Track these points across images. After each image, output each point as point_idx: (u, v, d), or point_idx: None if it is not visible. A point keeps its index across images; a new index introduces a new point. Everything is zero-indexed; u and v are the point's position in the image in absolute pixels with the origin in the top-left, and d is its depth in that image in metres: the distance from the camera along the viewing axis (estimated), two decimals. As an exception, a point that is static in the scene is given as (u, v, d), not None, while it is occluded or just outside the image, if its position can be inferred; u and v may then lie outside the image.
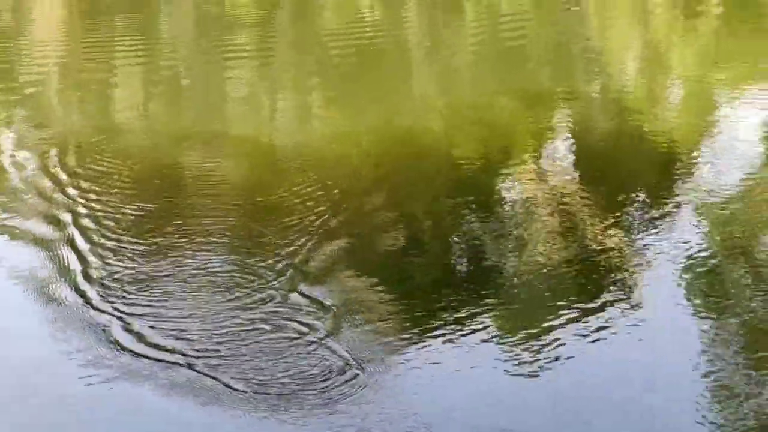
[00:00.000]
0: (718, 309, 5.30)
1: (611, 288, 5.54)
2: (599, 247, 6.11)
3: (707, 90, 10.29)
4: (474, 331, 5.03)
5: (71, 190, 7.35)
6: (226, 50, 12.95)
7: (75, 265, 5.87)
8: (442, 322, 5.14)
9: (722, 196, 7.01)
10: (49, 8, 16.95)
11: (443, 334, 4.99)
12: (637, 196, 7.22)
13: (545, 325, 5.04)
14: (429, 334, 5.01)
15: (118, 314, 5.33)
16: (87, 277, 5.79)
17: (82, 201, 7.09)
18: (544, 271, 5.77)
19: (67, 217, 6.74)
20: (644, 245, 6.15)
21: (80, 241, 6.24)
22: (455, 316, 5.22)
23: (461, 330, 5.03)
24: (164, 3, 17.34)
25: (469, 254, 6.25)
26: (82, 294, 5.59)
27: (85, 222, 6.64)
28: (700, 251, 5.97)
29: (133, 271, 5.94)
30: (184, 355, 4.94)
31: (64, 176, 7.85)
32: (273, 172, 7.93)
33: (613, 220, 6.67)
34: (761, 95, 9.57)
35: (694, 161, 7.95)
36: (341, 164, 7.92)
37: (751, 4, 15.31)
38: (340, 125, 9.28)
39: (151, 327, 5.24)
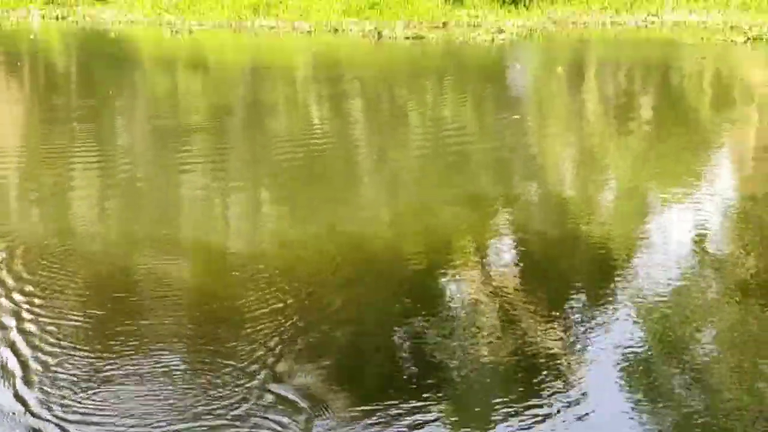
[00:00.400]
0: (657, 404, 5.27)
1: (553, 384, 5.44)
2: (541, 345, 6.04)
3: (641, 195, 10.37)
4: (420, 427, 4.89)
5: (16, 295, 6.95)
6: (180, 157, 12.53)
7: (15, 369, 5.53)
8: (394, 420, 4.98)
9: (658, 296, 7.00)
10: (8, 115, 16.57)
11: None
12: (576, 295, 7.14)
13: (490, 420, 4.96)
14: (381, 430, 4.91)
15: (59, 421, 4.94)
16: (27, 382, 5.44)
17: (27, 305, 6.72)
18: (488, 368, 5.73)
19: (10, 322, 6.39)
20: (585, 343, 6.15)
21: (22, 346, 5.94)
22: (405, 415, 5.02)
23: (411, 427, 4.88)
24: (118, 114, 16.46)
25: (418, 354, 6.08)
26: (21, 400, 5.23)
27: (29, 326, 6.30)
28: (638, 349, 6.00)
29: (79, 375, 5.63)
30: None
31: (10, 280, 7.40)
32: (227, 276, 7.75)
33: (554, 319, 6.62)
34: (691, 200, 9.76)
35: (630, 262, 7.94)
36: (293, 268, 7.72)
37: (681, 116, 15.44)
38: (292, 230, 9.09)
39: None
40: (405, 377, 5.68)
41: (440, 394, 5.36)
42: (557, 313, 6.74)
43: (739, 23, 22.66)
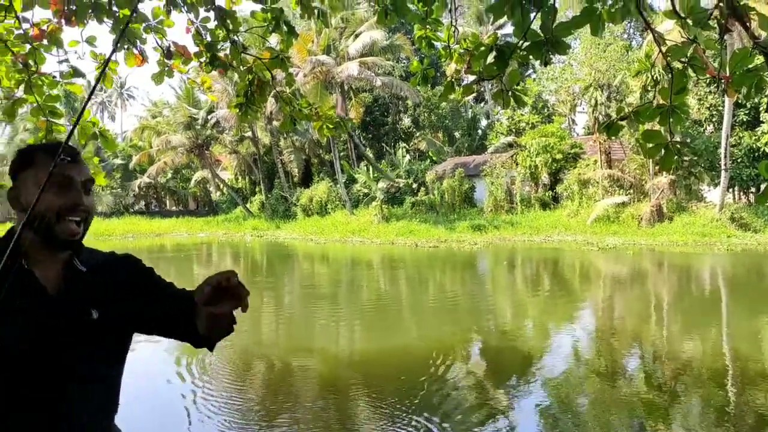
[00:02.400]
0: None
1: None
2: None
3: (542, 325, 10.77)
4: None
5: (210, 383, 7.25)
6: (315, 305, 13.43)
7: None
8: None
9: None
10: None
11: None
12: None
13: None
14: None
15: None
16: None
17: (219, 388, 7.05)
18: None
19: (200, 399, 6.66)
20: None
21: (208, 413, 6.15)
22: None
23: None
24: (285, 283, 18.21)
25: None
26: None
27: (215, 403, 6.51)
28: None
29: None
30: None
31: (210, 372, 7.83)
32: (345, 372, 7.83)
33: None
34: (568, 328, 10.18)
35: (541, 359, 8.11)
36: (387, 367, 7.90)
37: (562, 285, 15.89)
38: (372, 346, 9.24)
39: None
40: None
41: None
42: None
43: (592, 240, 24.14)
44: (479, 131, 45.93)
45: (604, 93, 29.16)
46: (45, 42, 4.04)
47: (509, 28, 42.45)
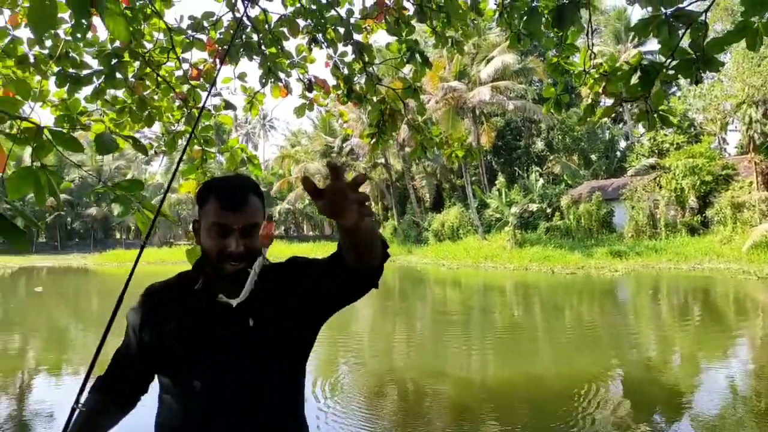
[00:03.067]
0: None
1: None
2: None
3: (693, 358, 10.38)
4: None
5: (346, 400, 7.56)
6: (446, 330, 13.65)
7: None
8: None
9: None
10: (367, 308, 17.22)
11: None
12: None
13: None
14: None
15: None
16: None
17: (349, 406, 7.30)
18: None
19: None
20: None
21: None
22: None
23: None
24: (418, 307, 18.59)
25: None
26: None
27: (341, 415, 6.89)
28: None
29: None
30: None
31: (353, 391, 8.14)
32: (473, 393, 8.02)
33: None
34: (723, 362, 9.73)
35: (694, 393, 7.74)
36: (514, 390, 8.05)
37: (715, 317, 15.06)
38: (501, 372, 9.26)
39: None
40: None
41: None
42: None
43: (748, 269, 22.54)
44: (617, 153, 43.96)
45: (760, 110, 27.31)
46: (201, 80, 4.46)
47: (650, 46, 40.63)
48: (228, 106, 4.37)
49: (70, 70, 3.90)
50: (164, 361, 1.71)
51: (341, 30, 4.31)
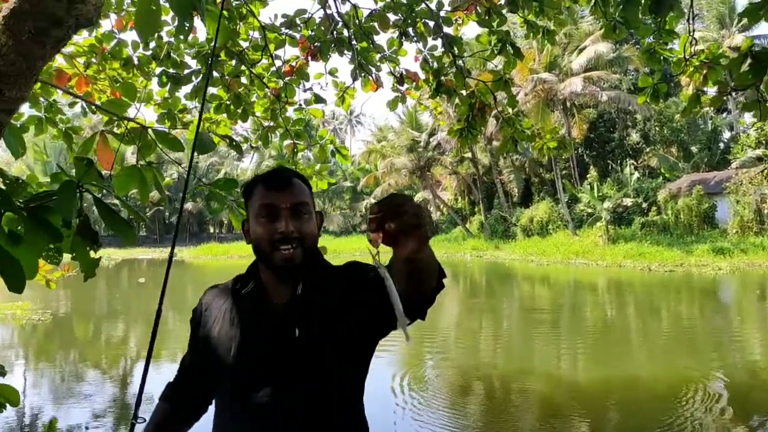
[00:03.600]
0: None
1: None
2: None
3: None
4: None
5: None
6: (534, 327, 13.42)
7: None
8: None
9: None
10: (451, 304, 18.06)
11: None
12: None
13: None
14: None
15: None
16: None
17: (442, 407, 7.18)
18: None
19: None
20: None
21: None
22: None
23: None
24: (504, 303, 18.38)
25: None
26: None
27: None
28: None
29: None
30: None
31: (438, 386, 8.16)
32: (563, 392, 7.90)
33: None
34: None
35: None
36: (601, 389, 7.95)
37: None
38: (596, 372, 9.01)
39: None
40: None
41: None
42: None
43: None
44: (721, 145, 41.59)
45: None
46: (293, 76, 4.56)
47: (759, 30, 38.10)
48: (318, 100, 4.45)
49: (171, 70, 4.09)
50: (213, 370, 1.63)
51: (431, 23, 4.30)
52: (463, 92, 4.33)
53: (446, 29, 4.26)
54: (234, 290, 1.68)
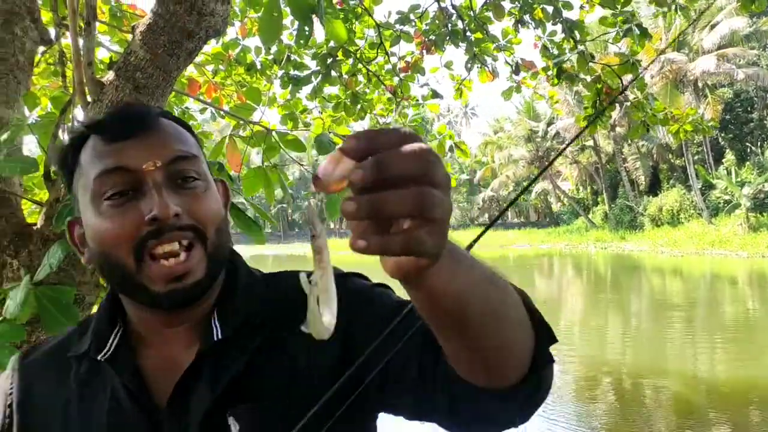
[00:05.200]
0: None
1: None
2: None
3: None
4: None
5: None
6: (666, 320, 12.92)
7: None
8: None
9: None
10: (570, 294, 18.48)
11: None
12: None
13: None
14: None
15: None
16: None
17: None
18: None
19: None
20: None
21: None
22: None
23: None
24: (632, 295, 17.88)
25: None
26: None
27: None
28: None
29: None
30: None
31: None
32: (695, 389, 7.66)
33: None
34: None
35: None
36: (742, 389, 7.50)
37: None
38: (738, 371, 8.51)
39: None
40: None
41: None
42: None
43: None
44: None
45: None
46: (409, 72, 4.59)
47: None
48: (435, 95, 4.45)
49: (292, 72, 4.23)
50: None
51: (549, 9, 4.16)
52: (587, 78, 4.15)
53: (566, 14, 4.11)
54: (76, 360, 0.86)
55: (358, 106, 4.54)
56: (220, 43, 4.36)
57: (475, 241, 0.67)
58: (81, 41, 2.04)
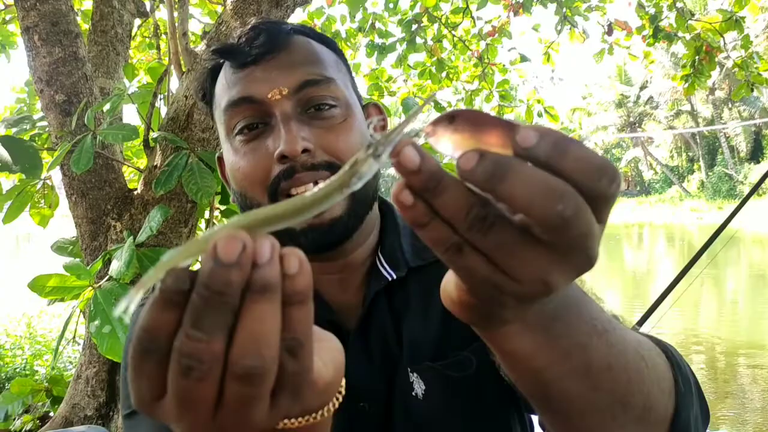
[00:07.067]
0: None
1: None
2: None
3: None
4: None
5: None
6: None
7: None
8: None
9: None
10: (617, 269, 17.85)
11: None
12: None
13: None
14: None
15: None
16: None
17: None
18: None
19: None
20: None
21: None
22: None
23: None
24: (730, 271, 17.63)
25: None
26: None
27: None
28: None
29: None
30: None
31: None
32: None
33: None
34: None
35: None
36: None
37: None
38: None
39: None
40: None
41: None
42: None
43: None
44: None
45: None
46: (496, 36, 4.48)
47: None
48: (523, 59, 4.33)
49: (377, 40, 4.22)
50: None
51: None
52: (687, 36, 3.93)
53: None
54: None
55: (444, 73, 4.48)
56: (306, 12, 4.39)
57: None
58: (175, 13, 2.11)
